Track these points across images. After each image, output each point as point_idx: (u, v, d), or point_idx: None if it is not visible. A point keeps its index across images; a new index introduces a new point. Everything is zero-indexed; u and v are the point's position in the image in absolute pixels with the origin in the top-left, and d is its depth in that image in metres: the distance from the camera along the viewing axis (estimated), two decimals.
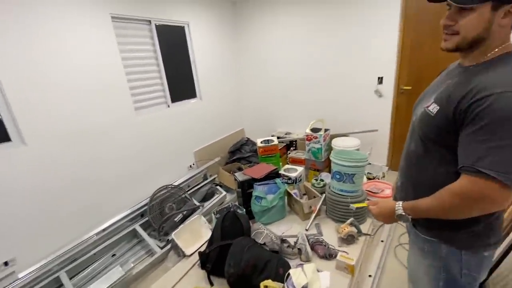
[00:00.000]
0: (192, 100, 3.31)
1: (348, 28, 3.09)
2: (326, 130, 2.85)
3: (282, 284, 1.27)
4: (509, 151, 0.64)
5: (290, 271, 1.23)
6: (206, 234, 2.12)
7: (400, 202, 0.87)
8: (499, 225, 0.82)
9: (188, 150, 3.24)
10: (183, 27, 3.08)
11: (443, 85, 0.82)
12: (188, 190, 2.74)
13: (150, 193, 2.48)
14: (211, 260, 1.63)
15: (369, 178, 2.62)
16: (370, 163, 2.82)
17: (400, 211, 0.85)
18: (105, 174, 2.31)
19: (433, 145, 0.81)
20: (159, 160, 2.82)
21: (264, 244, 1.65)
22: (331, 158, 1.98)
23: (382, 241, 1.92)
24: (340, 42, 3.17)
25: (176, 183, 2.69)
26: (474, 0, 0.68)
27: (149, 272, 1.93)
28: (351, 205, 1.25)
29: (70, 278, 1.79)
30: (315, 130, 2.84)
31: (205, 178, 3.09)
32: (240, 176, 2.26)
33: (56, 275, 1.79)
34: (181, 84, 3.12)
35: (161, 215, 2.34)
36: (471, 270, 0.83)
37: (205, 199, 2.74)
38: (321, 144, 2.74)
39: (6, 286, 1.72)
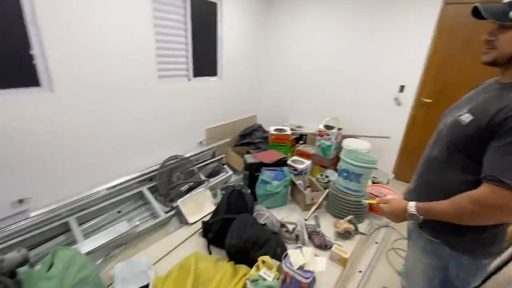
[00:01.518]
0: (212, 78, 3.34)
1: (379, 30, 3.05)
2: (339, 129, 2.88)
3: (279, 263, 1.34)
4: None
5: (289, 251, 1.30)
6: (209, 207, 2.21)
7: (414, 203, 0.91)
8: (502, 237, 0.87)
9: (201, 126, 3.29)
10: (216, 3, 3.07)
11: (478, 97, 0.86)
12: (196, 164, 2.82)
13: (160, 160, 2.56)
14: (213, 231, 1.72)
15: (373, 182, 2.66)
16: (377, 168, 2.85)
17: (412, 210, 0.90)
18: (121, 133, 2.39)
19: (458, 153, 0.85)
20: (172, 130, 2.89)
21: (265, 224, 1.72)
22: (341, 156, 2.02)
23: (376, 242, 1.99)
24: (369, 42, 3.14)
25: (186, 156, 2.76)
26: None
27: (151, 233, 2.04)
28: (362, 200, 1.30)
29: (79, 225, 1.91)
30: (328, 127, 2.87)
31: (213, 155, 3.16)
32: (249, 159, 2.32)
33: (65, 220, 1.91)
34: (204, 60, 3.14)
35: (168, 182, 2.44)
36: (468, 274, 0.89)
37: (211, 175, 2.82)
38: (332, 142, 2.78)
39: (18, 222, 1.83)
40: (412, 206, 0.90)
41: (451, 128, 0.87)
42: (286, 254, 1.29)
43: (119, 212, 2.19)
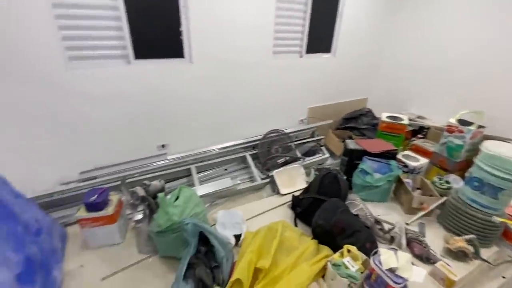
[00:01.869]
0: (325, 55, 3.20)
1: None
2: (480, 126, 2.26)
3: (366, 257, 1.27)
4: None
5: (380, 249, 1.21)
6: (301, 184, 2.27)
7: None
8: None
9: (304, 105, 3.29)
10: None
11: None
12: (295, 141, 2.89)
13: (263, 132, 2.77)
14: (302, 206, 1.78)
15: None
16: None
17: None
18: (236, 103, 2.71)
19: None
20: (277, 105, 3.03)
21: (357, 215, 1.64)
22: (476, 161, 1.61)
23: (504, 277, 1.55)
24: None
25: (286, 131, 2.87)
26: None
27: (247, 194, 2.31)
28: (494, 217, 1.03)
29: (197, 173, 2.38)
30: (463, 122, 2.29)
31: (312, 135, 3.14)
32: (351, 144, 2.19)
33: (189, 166, 2.41)
34: (319, 36, 3.02)
35: (268, 153, 2.63)
36: None
37: (307, 154, 2.84)
38: (464, 141, 2.22)
39: (160, 161, 2.45)
40: None
41: None
42: (377, 252, 1.21)
43: (225, 169, 2.57)
